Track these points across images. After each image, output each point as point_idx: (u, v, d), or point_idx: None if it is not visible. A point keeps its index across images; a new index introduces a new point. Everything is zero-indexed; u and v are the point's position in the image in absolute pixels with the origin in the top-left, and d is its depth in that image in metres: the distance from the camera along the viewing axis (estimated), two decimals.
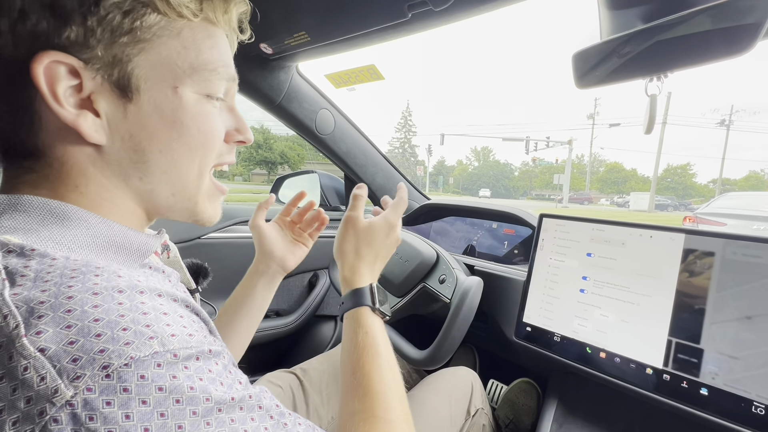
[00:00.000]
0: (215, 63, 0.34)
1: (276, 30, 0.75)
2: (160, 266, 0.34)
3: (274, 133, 30.91)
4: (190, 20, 0.32)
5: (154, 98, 0.31)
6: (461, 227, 1.19)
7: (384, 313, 0.48)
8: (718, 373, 0.53)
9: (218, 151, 0.37)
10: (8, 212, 0.28)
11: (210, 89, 0.34)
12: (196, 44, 0.32)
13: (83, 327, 0.22)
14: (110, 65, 0.29)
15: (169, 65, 0.31)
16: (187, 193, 0.35)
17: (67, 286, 0.23)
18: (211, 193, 0.38)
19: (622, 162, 69.63)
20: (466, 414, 0.74)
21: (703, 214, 5.41)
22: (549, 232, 0.76)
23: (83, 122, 0.29)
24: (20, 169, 0.30)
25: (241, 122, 0.38)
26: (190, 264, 0.51)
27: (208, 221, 0.39)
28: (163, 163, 0.33)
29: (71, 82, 0.28)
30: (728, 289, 0.54)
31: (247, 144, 0.40)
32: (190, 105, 0.33)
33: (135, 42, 0.29)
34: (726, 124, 31.36)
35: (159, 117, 0.31)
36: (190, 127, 0.33)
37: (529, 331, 0.74)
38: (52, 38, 0.27)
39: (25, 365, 0.21)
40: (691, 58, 0.47)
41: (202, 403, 0.23)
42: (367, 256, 0.51)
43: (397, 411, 0.39)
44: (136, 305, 0.24)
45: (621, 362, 0.62)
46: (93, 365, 0.21)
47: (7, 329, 0.21)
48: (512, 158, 78.68)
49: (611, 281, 0.66)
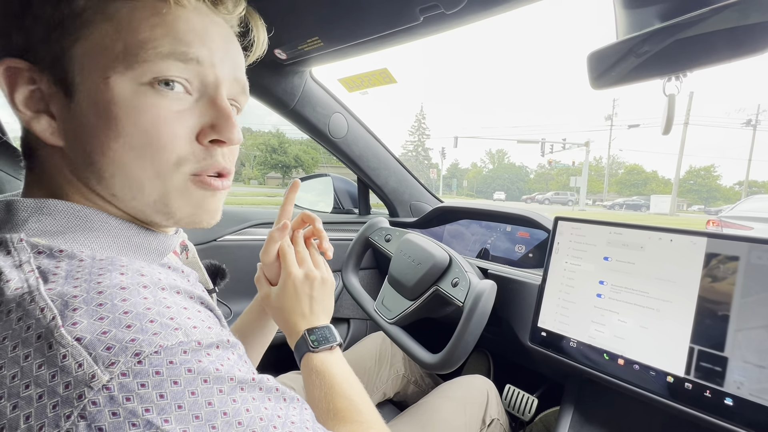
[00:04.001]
0: (159, 41, 0.28)
1: (290, 36, 0.76)
2: (179, 266, 0.35)
3: (289, 137, 31.33)
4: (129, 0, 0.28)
5: (88, 92, 0.28)
6: (475, 230, 1.18)
7: (329, 345, 0.46)
8: (743, 382, 0.51)
9: (180, 153, 0.30)
10: (35, 215, 0.29)
11: (151, 74, 0.28)
12: (132, 24, 0.28)
13: (114, 318, 0.23)
14: (52, 63, 0.28)
15: (101, 52, 0.28)
16: (150, 197, 0.31)
17: (96, 282, 0.25)
18: (188, 192, 0.32)
19: (642, 164, 67.93)
20: (481, 423, 0.73)
21: (728, 217, 5.21)
22: (564, 236, 0.74)
23: (36, 124, 0.30)
24: (27, 170, 0.33)
25: (221, 118, 0.31)
26: (208, 265, 0.52)
27: (192, 224, 0.34)
28: (108, 166, 0.29)
29: (29, 86, 0.29)
30: (754, 294, 0.52)
31: (228, 145, 0.33)
32: (124, 97, 0.28)
33: (67, 34, 0.28)
34: (752, 124, 30.23)
35: (94, 114, 0.28)
36: (125, 124, 0.28)
37: (544, 336, 0.73)
38: (7, 44, 0.29)
39: (63, 353, 0.22)
40: (710, 57, 0.46)
41: (227, 382, 0.25)
42: (283, 309, 0.49)
43: (366, 414, 0.41)
44: (159, 300, 0.26)
45: (640, 369, 0.60)
46: (126, 353, 0.22)
47: (45, 321, 0.23)
48: (527, 161, 77.67)
49: (629, 286, 0.64)
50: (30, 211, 0.29)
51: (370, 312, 0.87)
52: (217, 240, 1.06)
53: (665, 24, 0.47)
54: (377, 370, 0.89)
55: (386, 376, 0.90)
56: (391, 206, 1.34)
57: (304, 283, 0.49)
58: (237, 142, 0.33)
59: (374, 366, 0.89)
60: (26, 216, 0.29)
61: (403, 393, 0.94)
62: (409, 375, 0.95)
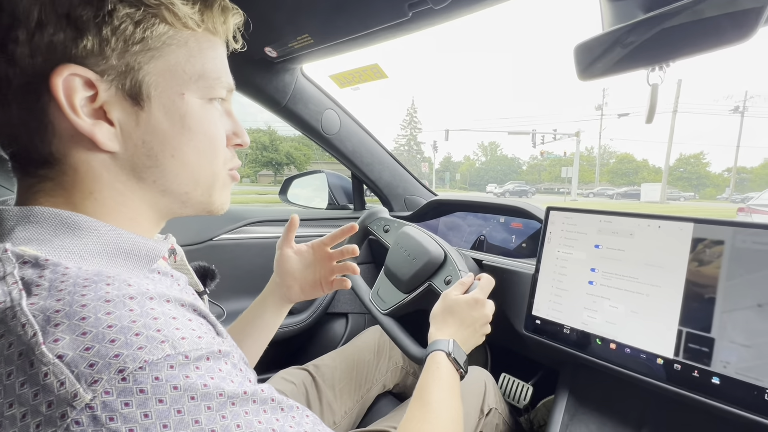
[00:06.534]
0: (219, 71, 0.36)
1: (280, 33, 0.76)
2: (168, 271, 0.35)
3: (280, 134, 31.04)
4: (194, 30, 0.34)
5: (164, 105, 0.32)
6: (470, 222, 1.19)
7: (459, 365, 0.55)
8: (729, 361, 0.53)
9: (224, 154, 0.38)
10: (21, 224, 0.28)
11: (212, 95, 0.35)
12: (201, 53, 0.34)
13: (98, 333, 0.23)
14: (123, 74, 0.30)
15: (177, 72, 0.33)
16: (199, 191, 0.37)
17: (80, 294, 0.24)
18: (224, 183, 0.40)
19: (633, 153, 68.21)
20: (479, 413, 0.75)
21: (757, 205, 5.31)
22: (556, 225, 0.75)
23: (99, 132, 0.30)
24: (35, 179, 0.31)
25: (238, 126, 0.40)
26: (197, 267, 0.52)
27: (220, 210, 0.40)
28: (175, 166, 0.34)
29: (87, 93, 0.29)
30: (739, 277, 0.54)
31: (244, 147, 0.41)
32: (196, 110, 0.34)
33: (146, 50, 0.31)
34: (740, 111, 30.59)
35: (169, 123, 0.33)
36: (197, 131, 0.34)
37: (539, 324, 0.74)
38: (70, 49, 0.28)
39: (45, 371, 0.22)
40: (694, 47, 0.47)
41: (216, 398, 0.25)
42: (451, 321, 0.59)
43: (444, 422, 0.47)
44: (146, 311, 0.25)
45: (631, 353, 0.62)
46: (109, 369, 0.22)
47: (26, 337, 0.22)
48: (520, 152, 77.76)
49: (620, 272, 0.65)
50: (16, 219, 0.29)
51: (365, 301, 0.88)
52: (213, 239, 1.06)
53: (650, 14, 0.48)
54: (376, 363, 0.91)
55: (385, 368, 0.92)
56: (385, 200, 1.35)
57: (479, 315, 0.61)
58: (249, 143, 0.42)
59: (373, 359, 0.91)
60: (12, 225, 0.28)
61: (403, 384, 0.96)
62: (407, 367, 0.96)
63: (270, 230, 1.19)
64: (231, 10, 0.36)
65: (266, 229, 1.19)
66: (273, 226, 1.20)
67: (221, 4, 0.35)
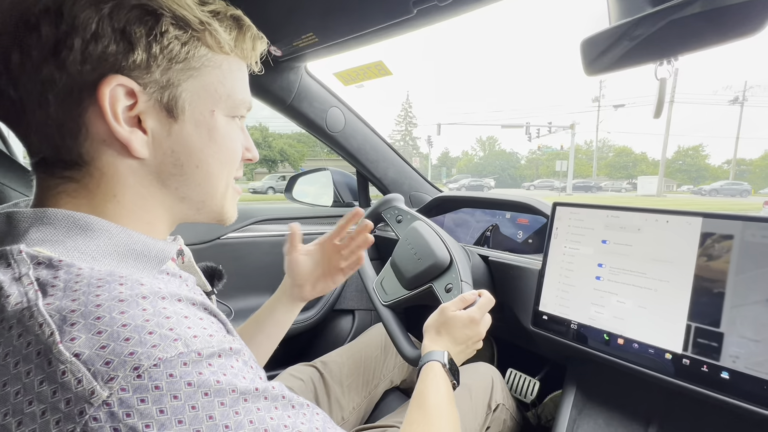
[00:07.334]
0: (244, 93, 0.39)
1: (284, 32, 0.77)
2: (176, 271, 0.36)
3: (273, 131, 30.84)
4: (228, 54, 0.36)
5: (196, 119, 0.35)
6: (477, 218, 1.19)
7: (453, 377, 0.55)
8: (739, 356, 0.53)
9: (239, 167, 0.42)
10: (35, 225, 0.29)
11: (236, 113, 0.38)
12: (231, 75, 0.37)
13: (113, 332, 0.24)
14: (163, 88, 0.32)
15: (210, 91, 0.35)
16: (215, 200, 0.40)
17: (95, 294, 0.25)
18: (232, 196, 0.42)
19: (631, 146, 67.03)
20: (487, 408, 0.75)
21: None
22: (563, 221, 0.75)
23: (135, 139, 0.32)
24: (59, 179, 0.32)
25: (249, 142, 0.43)
26: (204, 267, 0.53)
27: (229, 221, 0.43)
28: (198, 175, 0.37)
29: (128, 102, 0.31)
30: (748, 272, 0.54)
31: (253, 161, 0.44)
32: (222, 126, 0.37)
33: (187, 69, 0.33)
34: (740, 102, 30.07)
35: (198, 136, 0.35)
36: (222, 145, 0.37)
37: (546, 320, 0.74)
38: (120, 61, 0.30)
39: (62, 369, 0.22)
40: (703, 40, 0.46)
41: (229, 395, 0.25)
42: (445, 335, 0.60)
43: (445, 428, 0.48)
44: (158, 310, 0.26)
45: (639, 348, 0.62)
46: (125, 367, 0.23)
47: (44, 337, 0.23)
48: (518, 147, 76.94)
49: (627, 268, 0.65)
50: (30, 221, 0.29)
51: (368, 287, 0.88)
52: (220, 238, 1.07)
53: (659, 8, 0.48)
54: (383, 359, 0.91)
55: (392, 364, 0.92)
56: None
57: (473, 333, 0.61)
58: (258, 158, 0.44)
59: (380, 354, 0.91)
60: (26, 226, 0.29)
61: (410, 380, 0.96)
62: None
63: (277, 228, 1.20)
64: (260, 39, 0.39)
65: (273, 227, 1.19)
66: (280, 224, 1.21)
67: (252, 34, 0.38)
